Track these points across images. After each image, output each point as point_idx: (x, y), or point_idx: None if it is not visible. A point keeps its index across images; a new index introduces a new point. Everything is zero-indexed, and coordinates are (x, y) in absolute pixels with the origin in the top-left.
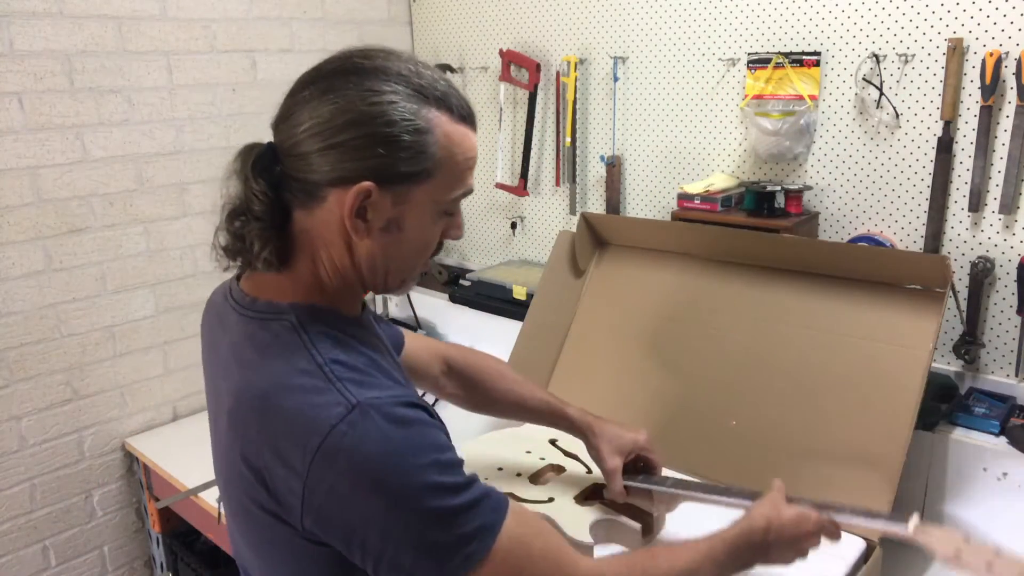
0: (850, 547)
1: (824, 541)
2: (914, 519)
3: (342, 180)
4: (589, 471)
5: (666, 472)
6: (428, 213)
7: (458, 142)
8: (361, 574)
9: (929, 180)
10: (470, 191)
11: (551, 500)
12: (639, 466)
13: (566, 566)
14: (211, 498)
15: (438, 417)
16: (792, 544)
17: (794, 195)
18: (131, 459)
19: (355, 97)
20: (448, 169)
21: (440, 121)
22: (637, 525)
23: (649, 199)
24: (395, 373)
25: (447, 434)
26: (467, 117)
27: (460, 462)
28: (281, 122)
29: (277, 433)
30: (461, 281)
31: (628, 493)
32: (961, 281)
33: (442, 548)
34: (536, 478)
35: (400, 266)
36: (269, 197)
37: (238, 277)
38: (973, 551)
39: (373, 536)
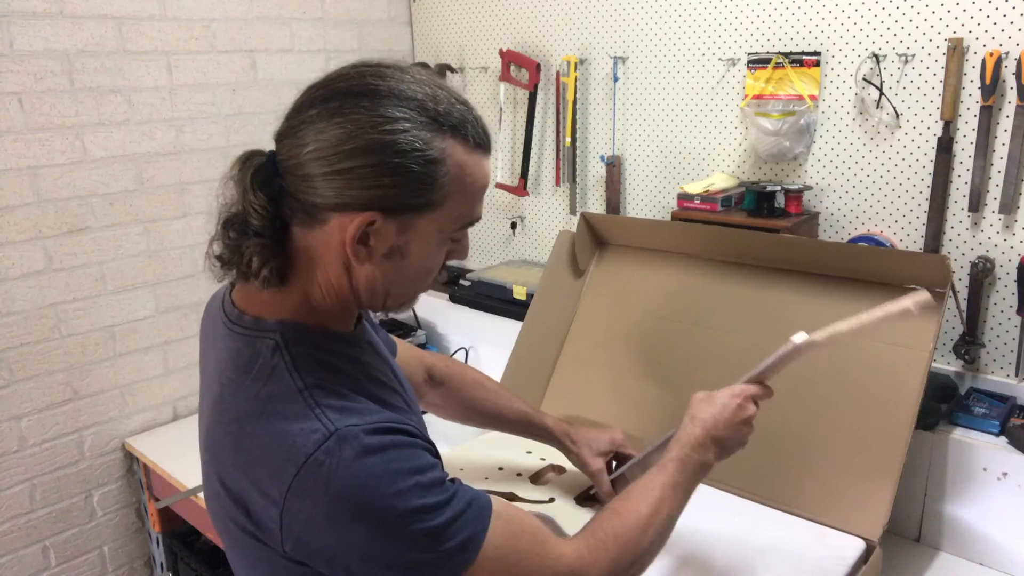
0: (850, 547)
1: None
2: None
3: (346, 207)
4: None
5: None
6: (433, 241)
7: (470, 172)
8: None
9: (929, 180)
10: (478, 219)
11: (551, 500)
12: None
13: (552, 560)
14: None
15: (422, 434)
16: (733, 425)
17: (794, 195)
18: (131, 459)
19: (365, 123)
20: (458, 199)
21: (454, 150)
22: None
23: (649, 199)
24: (387, 387)
25: (432, 449)
26: (482, 144)
27: (443, 477)
28: (285, 137)
29: (252, 461)
30: (461, 281)
31: (615, 489)
32: (961, 281)
33: (428, 566)
34: (536, 478)
35: (401, 290)
36: (268, 211)
37: (232, 285)
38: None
39: (355, 562)
